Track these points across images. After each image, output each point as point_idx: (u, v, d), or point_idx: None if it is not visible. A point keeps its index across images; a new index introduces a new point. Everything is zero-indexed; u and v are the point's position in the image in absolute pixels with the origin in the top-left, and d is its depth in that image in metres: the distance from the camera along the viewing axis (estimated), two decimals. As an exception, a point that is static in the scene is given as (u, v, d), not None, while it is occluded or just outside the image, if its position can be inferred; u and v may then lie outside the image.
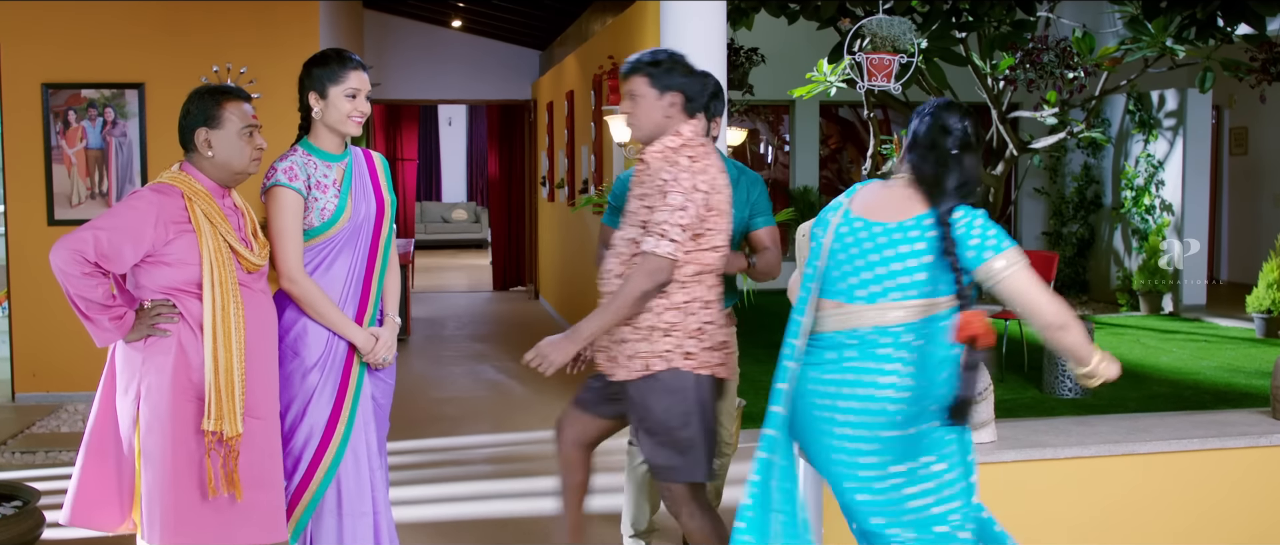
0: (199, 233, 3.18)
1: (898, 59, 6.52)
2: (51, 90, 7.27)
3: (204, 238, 3.18)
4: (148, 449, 3.19)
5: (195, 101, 3.27)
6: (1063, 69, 8.59)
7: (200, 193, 3.23)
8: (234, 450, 3.20)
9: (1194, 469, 3.92)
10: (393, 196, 3.62)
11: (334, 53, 3.48)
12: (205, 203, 3.22)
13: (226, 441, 3.18)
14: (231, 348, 3.19)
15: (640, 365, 3.33)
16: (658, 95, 3.34)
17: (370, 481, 3.54)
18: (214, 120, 3.25)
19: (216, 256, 3.19)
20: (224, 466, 3.19)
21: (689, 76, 3.37)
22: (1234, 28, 8.13)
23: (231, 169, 3.29)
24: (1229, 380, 7.82)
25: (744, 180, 4.02)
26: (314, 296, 3.40)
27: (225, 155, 3.27)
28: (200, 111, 3.26)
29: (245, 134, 3.29)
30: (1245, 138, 13.41)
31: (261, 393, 3.31)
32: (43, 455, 6.02)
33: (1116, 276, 11.95)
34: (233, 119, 3.27)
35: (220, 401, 3.16)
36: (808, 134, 13.58)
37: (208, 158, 3.27)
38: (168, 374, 3.17)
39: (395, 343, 3.60)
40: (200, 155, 3.27)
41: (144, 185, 3.30)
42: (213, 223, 3.21)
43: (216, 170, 3.28)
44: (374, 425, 3.59)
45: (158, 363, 3.17)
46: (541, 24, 11.67)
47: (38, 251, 7.27)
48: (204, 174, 3.28)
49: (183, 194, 3.20)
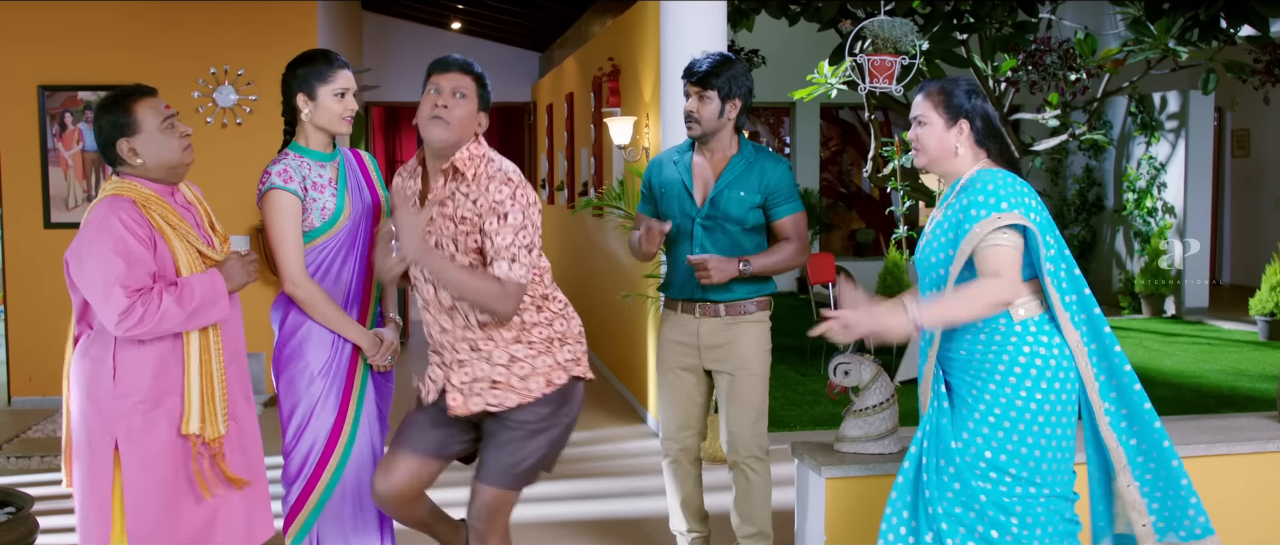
0: (166, 238, 3.08)
1: (899, 60, 6.48)
2: (48, 92, 7.22)
3: (172, 242, 3.09)
4: (127, 458, 3.11)
5: (104, 115, 3.08)
6: (1065, 71, 8.55)
7: (151, 198, 3.09)
8: (221, 452, 3.15)
9: (1201, 475, 3.87)
10: (386, 193, 3.58)
11: (319, 52, 3.44)
12: (160, 207, 3.10)
13: (209, 443, 3.12)
14: (211, 349, 3.14)
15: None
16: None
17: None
18: (129, 126, 3.07)
19: (189, 260, 3.11)
20: (212, 467, 3.14)
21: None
22: (1237, 29, 8.09)
23: (166, 166, 3.12)
24: (1233, 384, 7.77)
25: (757, 163, 3.91)
26: (318, 299, 3.37)
27: (154, 155, 3.10)
28: (112, 122, 3.07)
29: (166, 127, 3.11)
30: (1247, 140, 13.38)
31: (237, 394, 3.26)
32: (38, 460, 5.98)
33: (1118, 279, 11.91)
34: (148, 117, 3.08)
35: (203, 404, 3.11)
36: (808, 136, 13.55)
37: (138, 165, 3.10)
38: (146, 380, 3.09)
39: (398, 343, 3.57)
40: (129, 166, 3.11)
41: (92, 206, 3.10)
42: (173, 226, 3.11)
43: (151, 172, 3.12)
44: (378, 429, 3.56)
45: (135, 371, 3.09)
46: (541, 26, 11.63)
47: (34, 255, 7.24)
48: (143, 178, 3.13)
49: (135, 202, 3.06)
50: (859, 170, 14.05)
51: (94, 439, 3.10)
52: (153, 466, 3.10)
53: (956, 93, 3.01)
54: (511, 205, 3.04)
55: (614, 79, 8.13)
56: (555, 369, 3.17)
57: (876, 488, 3.77)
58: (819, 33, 8.65)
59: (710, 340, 3.91)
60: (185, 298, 3.02)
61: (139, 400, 3.08)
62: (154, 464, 3.10)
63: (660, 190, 3.99)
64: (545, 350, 3.17)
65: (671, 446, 4.04)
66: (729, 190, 3.86)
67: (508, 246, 3.03)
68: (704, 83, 3.82)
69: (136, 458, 3.09)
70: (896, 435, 3.83)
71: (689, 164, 3.95)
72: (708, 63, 3.83)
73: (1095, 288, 12.36)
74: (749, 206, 3.86)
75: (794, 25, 8.56)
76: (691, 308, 3.94)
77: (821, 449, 3.91)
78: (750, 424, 3.91)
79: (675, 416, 4.03)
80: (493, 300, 3.02)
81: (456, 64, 3.19)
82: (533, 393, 3.14)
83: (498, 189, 3.05)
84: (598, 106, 8.80)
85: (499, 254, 3.03)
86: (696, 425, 4.03)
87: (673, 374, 4.01)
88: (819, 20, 8.10)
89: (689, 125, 3.88)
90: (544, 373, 3.15)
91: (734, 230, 3.87)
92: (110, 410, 3.08)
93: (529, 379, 3.14)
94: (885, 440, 3.81)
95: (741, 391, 3.90)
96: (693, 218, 3.90)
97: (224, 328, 3.21)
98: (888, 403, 3.81)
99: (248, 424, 3.31)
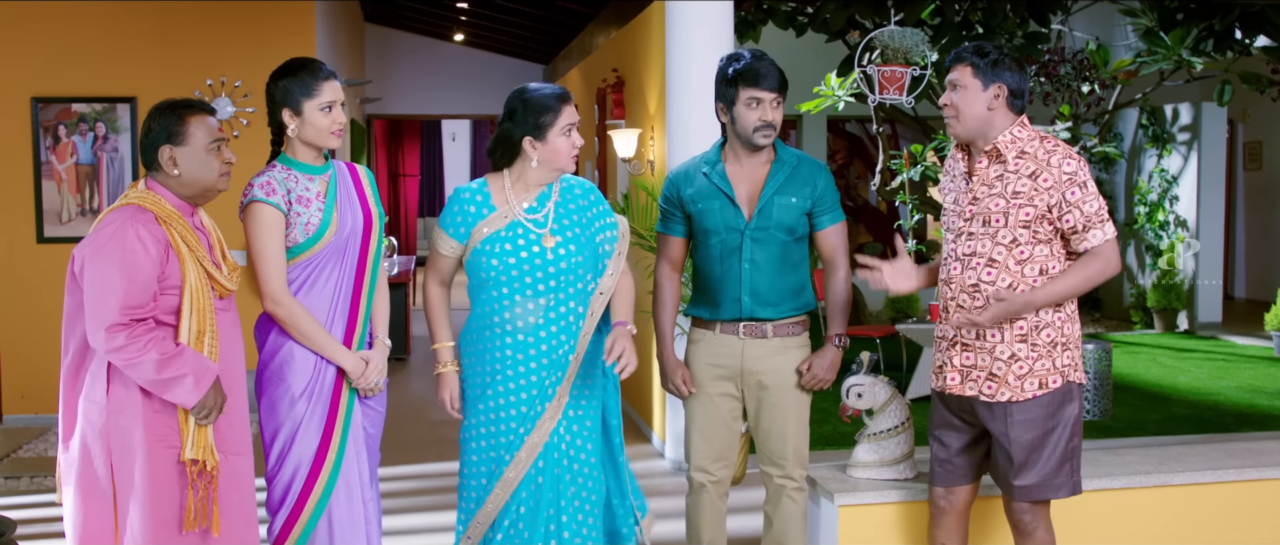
0: (181, 257, 3.00)
1: (910, 71, 6.37)
2: (41, 104, 7.10)
3: (186, 262, 3.01)
4: (122, 483, 3.01)
5: (156, 118, 3.07)
6: (1079, 82, 8.41)
7: (171, 214, 3.04)
8: (214, 481, 3.05)
9: (1231, 502, 3.72)
10: (380, 209, 3.44)
11: (302, 63, 3.30)
12: (179, 224, 3.04)
13: (207, 472, 3.03)
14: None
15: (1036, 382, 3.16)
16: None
17: (363, 515, 3.36)
18: (178, 136, 3.05)
19: (198, 282, 3.02)
20: (203, 499, 3.03)
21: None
22: (1253, 40, 7.95)
23: (200, 186, 3.10)
24: (1251, 401, 7.61)
25: (801, 168, 3.64)
26: (299, 318, 3.22)
27: (192, 172, 3.07)
28: (163, 128, 3.05)
29: (212, 148, 3.09)
30: (1260, 152, 13.22)
31: (236, 428, 3.15)
32: (28, 481, 5.83)
33: (1130, 293, 11.75)
34: (198, 134, 3.07)
35: (202, 432, 3.02)
36: (815, 149, 13.40)
37: (174, 176, 3.07)
38: (139, 408, 2.99)
39: (386, 367, 3.41)
40: (165, 173, 3.07)
41: (112, 208, 3.05)
42: (190, 246, 3.03)
43: (184, 188, 3.09)
44: (365, 454, 3.40)
45: (130, 398, 2.99)
46: (545, 38, 11.53)
47: (27, 270, 7.11)
48: (170, 192, 3.09)
49: (156, 217, 3.01)
50: (866, 183, 13.92)
51: (89, 460, 3.01)
52: (149, 492, 2.99)
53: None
54: (1083, 177, 3.09)
55: (618, 91, 8.01)
56: (1051, 372, 3.14)
57: (892, 516, 3.63)
58: (826, 44, 8.54)
59: (755, 364, 3.60)
60: (167, 364, 2.93)
61: (134, 417, 2.99)
62: (150, 490, 2.99)
63: (695, 203, 3.61)
64: (1047, 354, 3.14)
65: (704, 478, 3.68)
66: (779, 197, 3.55)
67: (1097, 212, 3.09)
68: (783, 88, 3.54)
69: (132, 482, 3.00)
70: (912, 461, 3.68)
71: (724, 172, 3.60)
72: (773, 67, 3.53)
73: (1106, 301, 12.21)
74: (800, 213, 3.57)
75: (801, 37, 8.45)
76: (733, 328, 3.61)
77: (834, 474, 3.75)
78: (800, 443, 3.63)
79: (710, 447, 3.65)
80: (1102, 273, 3.10)
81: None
82: (1026, 393, 3.14)
83: (1063, 162, 3.10)
84: (602, 119, 8.69)
85: (1089, 223, 3.08)
86: (732, 455, 3.70)
87: (709, 400, 3.64)
88: (826, 31, 7.99)
89: (763, 134, 3.53)
90: (1040, 375, 3.13)
91: (784, 240, 3.57)
92: (104, 427, 2.99)
93: (1025, 379, 3.13)
94: (900, 466, 3.66)
95: (794, 406, 3.60)
96: (741, 230, 3.55)
97: (226, 363, 3.11)
98: (903, 426, 3.66)
99: (245, 466, 3.20)
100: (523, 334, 3.25)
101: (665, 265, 3.73)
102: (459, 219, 3.29)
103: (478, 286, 3.29)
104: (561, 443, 3.31)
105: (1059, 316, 3.15)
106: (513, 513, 3.28)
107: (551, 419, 3.28)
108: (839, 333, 3.62)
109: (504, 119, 3.29)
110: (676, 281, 3.74)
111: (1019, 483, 3.16)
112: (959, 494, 3.33)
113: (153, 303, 2.96)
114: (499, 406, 3.28)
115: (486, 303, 3.27)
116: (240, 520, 3.16)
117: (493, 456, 3.30)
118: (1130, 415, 7.12)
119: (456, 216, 3.30)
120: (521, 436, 3.27)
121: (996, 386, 3.15)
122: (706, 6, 5.79)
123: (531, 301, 3.24)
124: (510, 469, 3.26)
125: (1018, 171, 3.12)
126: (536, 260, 3.24)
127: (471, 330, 3.34)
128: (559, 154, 3.28)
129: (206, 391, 2.99)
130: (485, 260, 3.24)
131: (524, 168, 3.30)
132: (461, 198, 3.32)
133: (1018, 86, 3.15)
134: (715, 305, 3.62)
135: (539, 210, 3.30)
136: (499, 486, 3.27)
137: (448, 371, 3.37)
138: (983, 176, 3.17)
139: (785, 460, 3.61)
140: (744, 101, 3.52)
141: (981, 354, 3.17)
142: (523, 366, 3.26)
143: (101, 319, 2.89)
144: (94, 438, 3.01)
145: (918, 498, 3.60)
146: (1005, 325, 3.13)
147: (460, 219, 3.29)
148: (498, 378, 3.27)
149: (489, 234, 3.25)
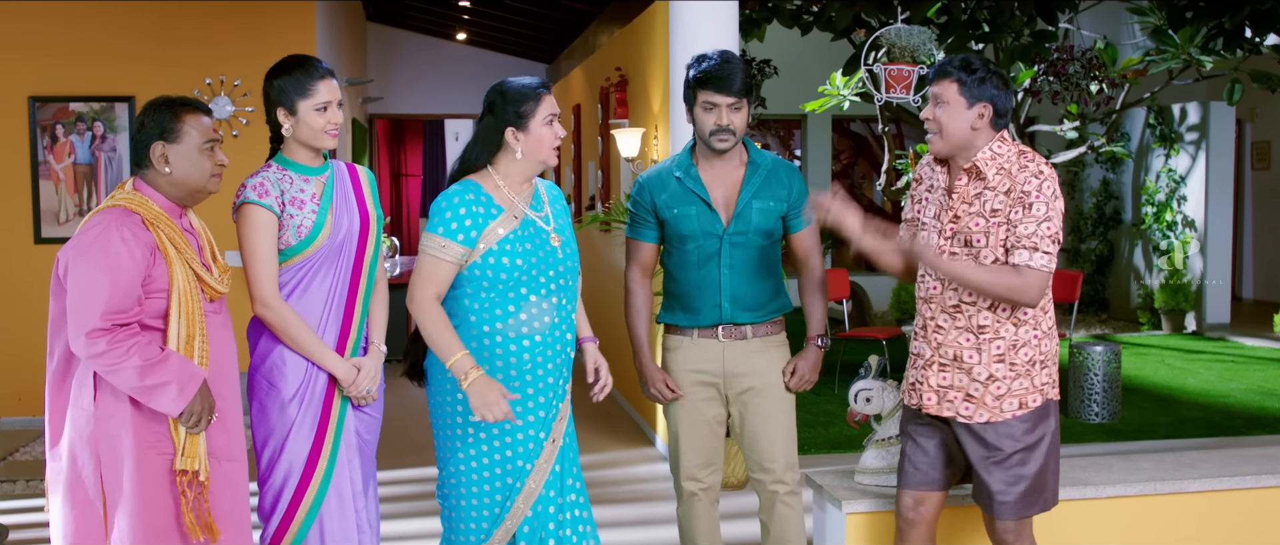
0: (168, 260, 2.93)
1: (917, 70, 6.30)
2: (38, 103, 7.04)
3: (173, 265, 2.93)
4: (111, 491, 2.94)
5: (151, 114, 3.00)
6: (1087, 81, 8.33)
7: (159, 215, 2.96)
8: (205, 490, 2.97)
9: (1249, 509, 3.64)
10: (379, 211, 3.36)
11: (296, 61, 3.22)
12: (167, 226, 2.96)
13: (198, 482, 2.95)
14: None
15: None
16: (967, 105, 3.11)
17: (355, 523, 3.28)
18: (171, 134, 2.98)
19: (186, 285, 2.95)
20: (196, 508, 2.95)
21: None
22: (1263, 38, 7.86)
23: (190, 186, 3.02)
24: (1261, 403, 7.52)
25: (775, 171, 3.57)
26: (290, 323, 3.14)
27: (183, 171, 3.00)
28: (157, 124, 2.98)
29: (206, 149, 3.02)
30: (1268, 152, 13.12)
31: (230, 433, 3.07)
32: (23, 484, 5.76)
33: (1137, 294, 11.66)
34: (192, 133, 2.99)
35: (194, 441, 2.95)
36: (820, 149, 13.34)
37: (164, 174, 2.99)
38: (128, 415, 2.91)
39: (380, 374, 3.33)
40: (156, 172, 3.00)
41: (97, 210, 2.97)
42: (178, 248, 2.96)
43: (174, 188, 3.01)
44: (359, 461, 3.32)
45: (119, 405, 2.91)
46: (547, 36, 11.45)
47: (24, 270, 7.05)
48: (159, 193, 3.01)
49: (143, 220, 2.93)
50: (871, 183, 13.84)
51: (77, 467, 2.94)
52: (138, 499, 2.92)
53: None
54: (1037, 197, 2.98)
55: (621, 89, 7.93)
56: (1031, 392, 3.08)
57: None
58: (831, 43, 8.46)
59: (737, 366, 3.56)
60: (150, 371, 2.84)
61: (123, 424, 2.91)
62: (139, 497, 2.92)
63: (670, 209, 3.54)
64: (1025, 372, 3.07)
65: (694, 487, 3.62)
66: (757, 201, 3.49)
67: (1030, 235, 2.97)
68: (742, 93, 3.41)
69: (120, 489, 2.92)
70: (921, 467, 3.59)
71: (699, 177, 3.52)
72: (733, 70, 3.40)
73: (1113, 303, 12.13)
74: (777, 216, 3.52)
75: (806, 35, 8.37)
76: (712, 332, 3.54)
77: (841, 480, 3.68)
78: (789, 445, 3.59)
79: (697, 454, 3.60)
80: (1013, 292, 2.97)
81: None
82: (1005, 413, 3.07)
83: (1027, 179, 3.01)
84: (605, 118, 8.61)
85: (1020, 242, 2.98)
86: (719, 461, 3.65)
87: (692, 407, 3.59)
88: (832, 30, 7.91)
89: (719, 139, 3.44)
90: (1019, 395, 3.07)
91: (762, 244, 3.52)
92: (92, 435, 2.91)
93: (1003, 399, 3.07)
94: (909, 472, 3.57)
95: (779, 409, 3.56)
96: (719, 236, 3.50)
97: (218, 368, 3.04)
98: (912, 432, 3.57)
99: (238, 472, 3.13)
100: (539, 334, 3.11)
101: (636, 270, 3.66)
102: (467, 222, 3.07)
103: (477, 292, 3.09)
104: (570, 441, 3.25)
105: (1036, 334, 3.07)
106: (539, 526, 3.17)
107: (563, 419, 3.21)
108: (820, 333, 3.59)
109: (483, 114, 3.18)
110: (649, 287, 3.68)
111: (1001, 501, 3.08)
112: (929, 504, 3.22)
113: (137, 307, 2.88)
114: (515, 415, 3.11)
115: (489, 308, 3.08)
116: (234, 527, 3.10)
117: (506, 483, 3.13)
118: (1140, 418, 7.04)
119: (464, 220, 3.07)
120: (541, 441, 3.15)
121: (974, 408, 3.07)
122: (710, 5, 5.72)
123: (545, 301, 3.12)
124: (531, 478, 3.13)
125: (996, 188, 3.03)
126: (549, 258, 3.14)
127: (466, 342, 3.09)
128: (542, 144, 3.18)
129: (191, 399, 2.91)
130: (499, 261, 3.06)
131: (508, 163, 3.18)
132: (465, 199, 3.10)
133: (1003, 106, 3.05)
134: (693, 312, 3.56)
135: (540, 209, 3.22)
136: (520, 500, 3.12)
137: (480, 374, 3.01)
138: (963, 194, 3.08)
139: (775, 463, 3.55)
140: (701, 104, 3.45)
141: (959, 374, 3.09)
142: (541, 369, 3.13)
143: (83, 324, 2.82)
144: (82, 445, 2.93)
145: (927, 505, 3.52)
146: (982, 346, 3.06)
147: (469, 221, 3.07)
148: (513, 386, 3.10)
149: (504, 235, 3.08)
